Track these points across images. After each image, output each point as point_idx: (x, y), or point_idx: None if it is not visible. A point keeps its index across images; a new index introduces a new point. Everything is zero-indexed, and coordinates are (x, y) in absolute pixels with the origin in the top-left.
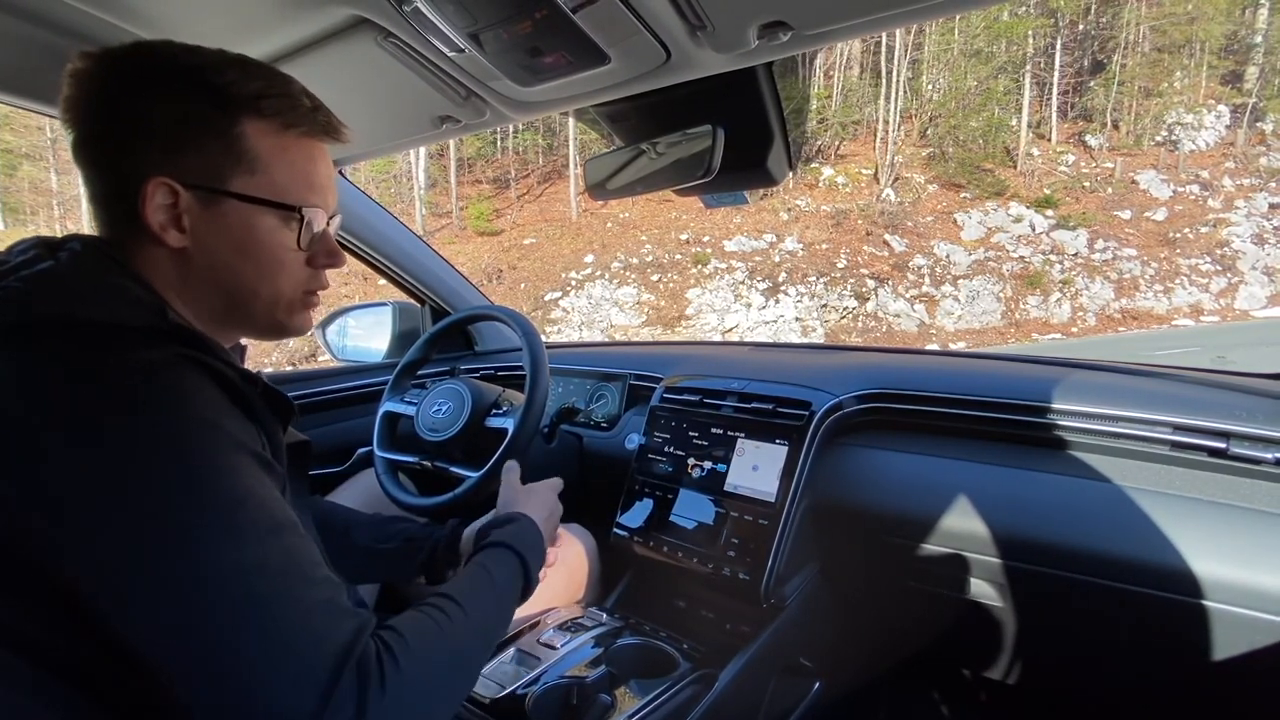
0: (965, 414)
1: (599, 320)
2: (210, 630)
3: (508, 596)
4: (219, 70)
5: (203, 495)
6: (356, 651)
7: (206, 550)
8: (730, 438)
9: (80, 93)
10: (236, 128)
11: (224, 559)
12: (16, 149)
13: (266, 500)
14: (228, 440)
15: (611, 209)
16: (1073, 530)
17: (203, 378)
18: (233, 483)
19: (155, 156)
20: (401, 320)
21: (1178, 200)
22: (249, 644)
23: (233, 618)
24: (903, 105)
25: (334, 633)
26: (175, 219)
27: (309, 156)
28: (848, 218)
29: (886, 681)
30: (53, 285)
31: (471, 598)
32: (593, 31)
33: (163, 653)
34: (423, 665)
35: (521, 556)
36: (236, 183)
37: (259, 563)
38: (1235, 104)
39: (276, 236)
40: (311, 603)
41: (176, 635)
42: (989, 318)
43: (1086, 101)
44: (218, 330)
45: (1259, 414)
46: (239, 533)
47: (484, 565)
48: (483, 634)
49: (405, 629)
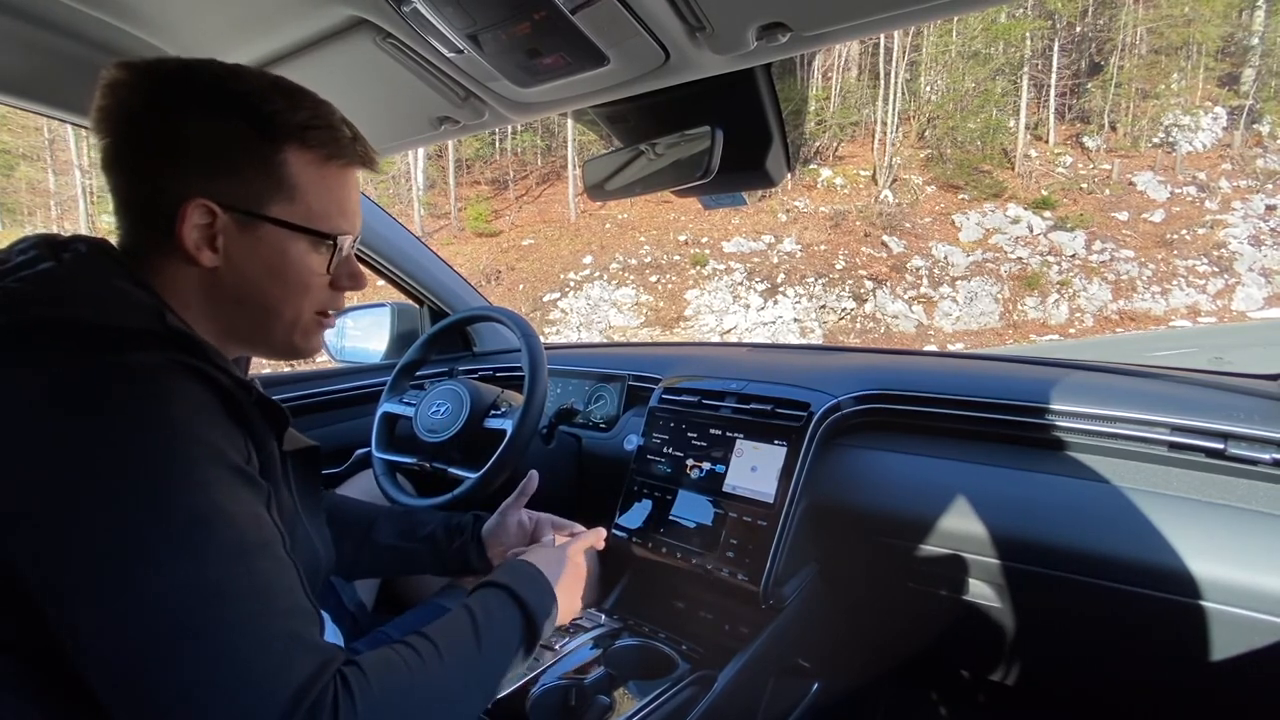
0: (963, 415)
1: (597, 321)
2: (158, 655)
3: (497, 642)
4: (266, 98)
5: (168, 510)
6: (313, 693)
7: (163, 568)
8: (729, 439)
9: (117, 104)
10: (279, 155)
11: (180, 579)
12: (14, 149)
13: (238, 519)
14: (206, 453)
15: (610, 210)
16: (1071, 531)
17: (193, 384)
18: (201, 499)
19: (196, 177)
20: (400, 321)
21: (1175, 202)
22: (198, 673)
23: (183, 644)
24: (901, 107)
25: (291, 670)
26: (210, 239)
27: (344, 185)
28: (846, 219)
29: (885, 682)
30: (51, 287)
31: (451, 640)
32: (591, 32)
33: (103, 671)
34: (384, 707)
35: (519, 598)
36: (275, 209)
37: (218, 587)
38: (1232, 106)
39: (307, 261)
40: (271, 635)
41: (117, 654)
42: (987, 319)
43: (1084, 103)
44: (231, 345)
45: (1256, 415)
46: (200, 553)
47: (470, 608)
48: (462, 680)
49: (371, 669)
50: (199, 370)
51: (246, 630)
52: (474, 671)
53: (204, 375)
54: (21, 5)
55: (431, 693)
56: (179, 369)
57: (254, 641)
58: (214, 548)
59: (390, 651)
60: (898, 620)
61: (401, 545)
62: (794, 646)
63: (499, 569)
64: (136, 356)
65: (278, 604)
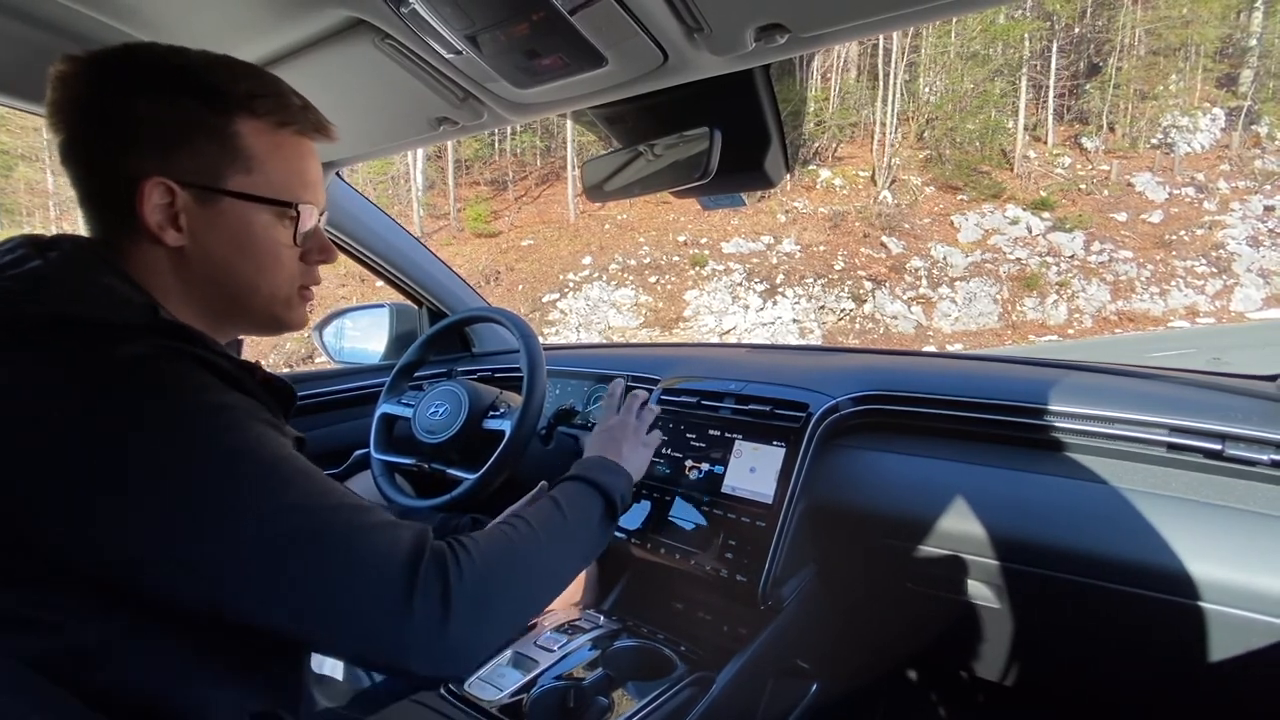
0: (962, 415)
1: (596, 322)
2: (295, 571)
3: (582, 519)
4: (209, 70)
5: (239, 460)
6: (426, 547)
7: (263, 505)
8: (728, 439)
9: (67, 95)
10: (231, 126)
11: (274, 507)
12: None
13: (293, 455)
14: (240, 413)
15: (609, 211)
16: (1069, 532)
17: (199, 370)
18: (259, 445)
19: (151, 157)
20: (399, 322)
21: (1173, 203)
22: (332, 569)
23: (311, 552)
24: (900, 108)
25: (397, 545)
26: (172, 218)
27: (300, 154)
28: (845, 220)
29: (884, 683)
30: (41, 285)
31: (542, 519)
32: (590, 34)
33: (250, 601)
34: (495, 559)
35: (593, 482)
36: (233, 181)
37: (309, 502)
38: (1230, 107)
39: (272, 233)
40: (369, 523)
41: (268, 588)
42: (986, 319)
43: (1082, 104)
44: (215, 327)
45: (1254, 416)
46: (285, 482)
47: (554, 497)
48: (556, 550)
49: (475, 539)
50: (201, 357)
51: (350, 525)
52: (565, 543)
53: (206, 362)
54: (20, 5)
55: (530, 558)
56: (184, 357)
57: (359, 532)
58: (293, 475)
59: (492, 527)
60: (896, 621)
61: None
62: (793, 647)
63: (572, 468)
64: (141, 347)
65: (359, 502)
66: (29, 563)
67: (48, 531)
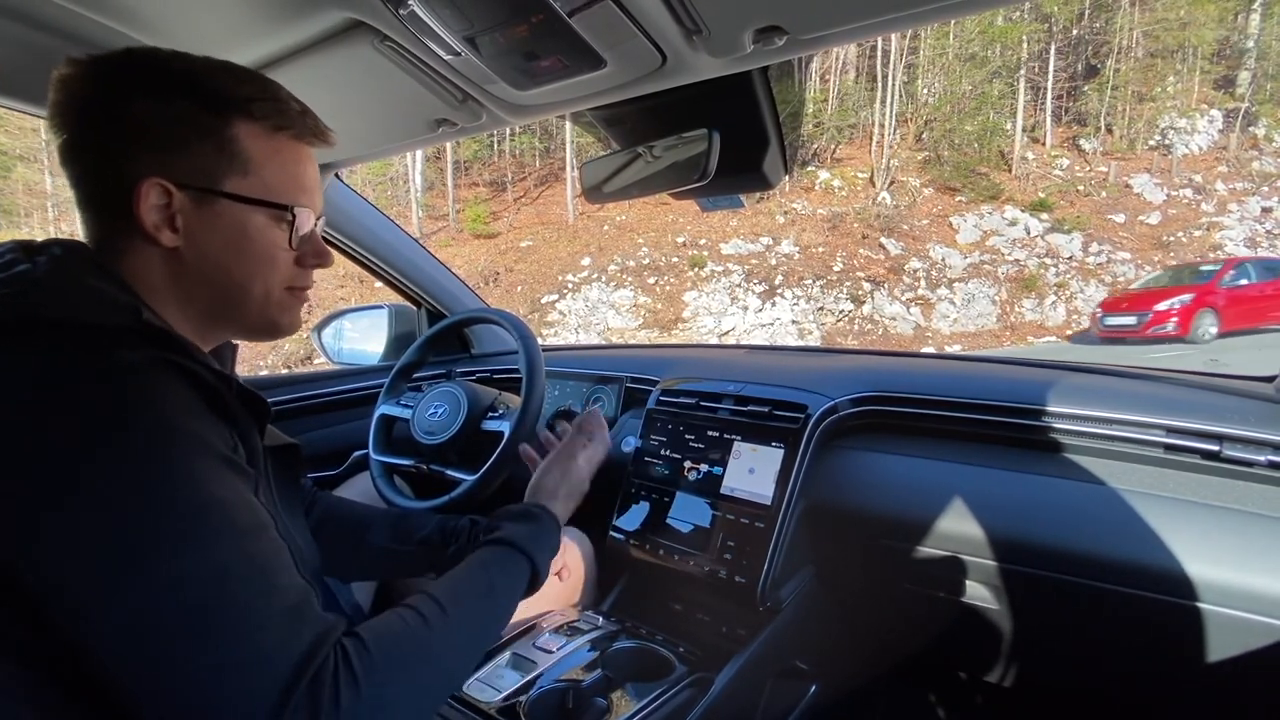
0: (961, 416)
1: (595, 323)
2: (164, 639)
3: (505, 601)
4: (209, 74)
5: (164, 501)
6: (314, 664)
7: (165, 558)
8: (726, 440)
9: (68, 97)
10: (229, 130)
11: (182, 567)
12: (11, 151)
13: (232, 505)
14: (194, 444)
15: (608, 212)
16: (1067, 532)
17: (174, 379)
18: (196, 489)
19: (148, 159)
20: (397, 323)
21: (1171, 204)
22: (202, 655)
23: (187, 627)
24: (898, 109)
25: (291, 645)
26: (169, 219)
27: (298, 159)
28: (844, 221)
29: (883, 684)
30: (27, 288)
31: (462, 601)
32: (589, 36)
33: (117, 661)
34: (386, 675)
35: (532, 560)
36: (229, 183)
37: (218, 571)
38: (1228, 108)
39: (268, 235)
40: (270, 612)
41: (130, 644)
42: (984, 321)
43: (1080, 106)
44: (209, 330)
45: (1251, 417)
46: (199, 540)
47: (485, 565)
48: (468, 641)
49: (372, 636)
50: (178, 365)
51: (247, 610)
52: (479, 632)
53: (184, 370)
54: (19, 7)
55: (435, 653)
56: (158, 364)
57: (256, 620)
58: (212, 534)
59: (393, 616)
60: (895, 622)
61: (396, 548)
62: (792, 648)
63: (517, 523)
64: (115, 354)
65: (278, 581)
66: None
67: None
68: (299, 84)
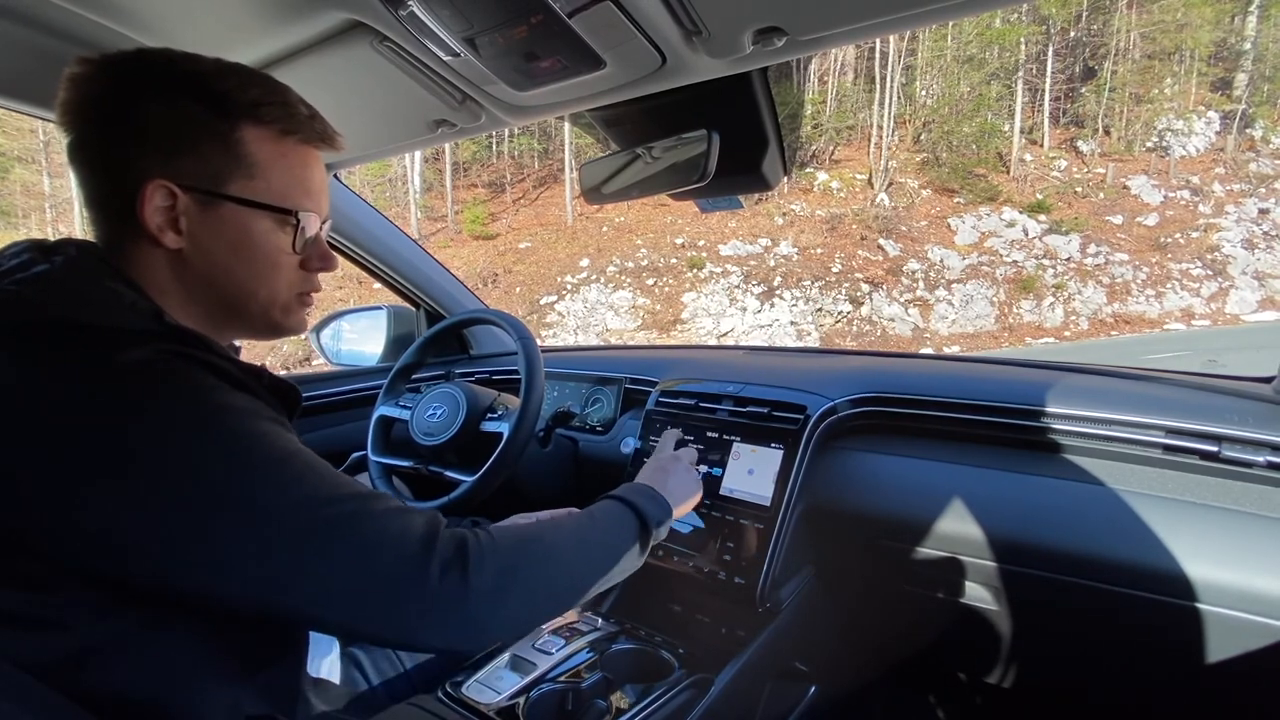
0: (959, 417)
1: (594, 324)
2: (311, 558)
3: (611, 530)
4: (219, 77)
5: (251, 458)
6: (439, 528)
7: (275, 498)
8: (726, 441)
9: (79, 96)
10: (236, 133)
11: (294, 499)
12: (9, 152)
13: (302, 449)
14: (247, 412)
15: (607, 213)
16: (1066, 533)
17: (205, 372)
18: (268, 441)
19: (154, 160)
20: (396, 324)
21: (1169, 205)
22: (348, 553)
23: (326, 539)
24: (897, 111)
25: (412, 522)
26: (173, 221)
27: (304, 163)
28: (842, 222)
29: (882, 685)
30: (50, 289)
31: (567, 520)
32: (588, 36)
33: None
34: (514, 541)
35: (629, 503)
36: (234, 186)
37: (320, 496)
38: (1225, 110)
39: (272, 239)
40: (383, 509)
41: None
42: (982, 322)
43: (1078, 107)
44: (215, 330)
45: (1250, 417)
46: (298, 477)
47: (589, 510)
48: (581, 549)
49: (496, 526)
50: (207, 362)
51: (362, 513)
52: (589, 546)
53: (212, 366)
54: (18, 7)
55: (550, 548)
56: (191, 361)
57: (372, 518)
58: (306, 470)
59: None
60: (895, 623)
61: None
62: (791, 649)
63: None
64: (149, 351)
65: (368, 491)
66: (29, 563)
67: (43, 523)
68: (298, 84)
